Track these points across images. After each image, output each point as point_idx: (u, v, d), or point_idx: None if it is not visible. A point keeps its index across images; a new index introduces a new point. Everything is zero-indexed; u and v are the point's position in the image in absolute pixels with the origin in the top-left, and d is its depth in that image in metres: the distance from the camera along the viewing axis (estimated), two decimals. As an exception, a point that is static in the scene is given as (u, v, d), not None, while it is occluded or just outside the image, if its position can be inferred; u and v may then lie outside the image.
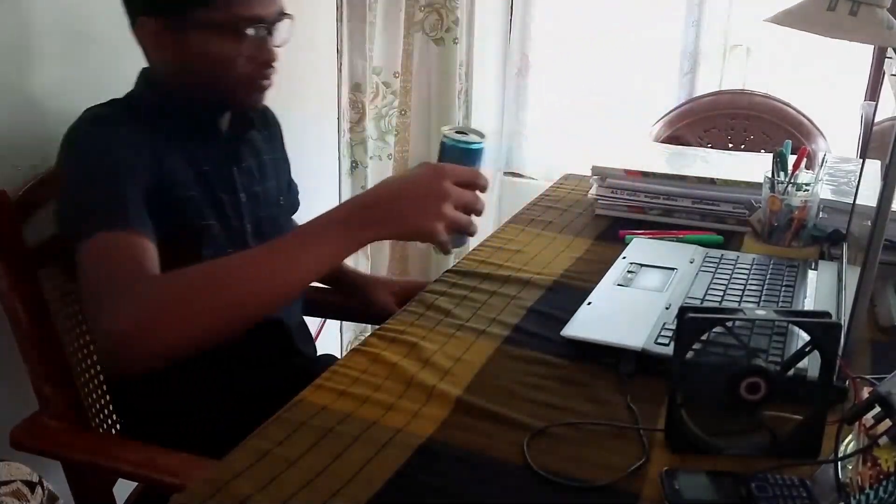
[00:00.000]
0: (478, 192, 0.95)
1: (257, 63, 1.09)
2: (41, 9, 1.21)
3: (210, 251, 1.10)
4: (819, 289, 1.16)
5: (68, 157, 1.05)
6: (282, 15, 1.10)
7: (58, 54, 1.24)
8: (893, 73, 1.14)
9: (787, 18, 1.12)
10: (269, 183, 1.24)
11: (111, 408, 1.26)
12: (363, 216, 0.91)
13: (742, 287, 1.17)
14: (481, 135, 0.96)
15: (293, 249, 0.90)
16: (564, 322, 1.06)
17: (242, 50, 1.06)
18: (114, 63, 1.13)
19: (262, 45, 1.08)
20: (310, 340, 1.34)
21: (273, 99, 1.79)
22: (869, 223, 0.94)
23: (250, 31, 1.06)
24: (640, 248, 1.34)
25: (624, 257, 1.29)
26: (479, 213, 0.95)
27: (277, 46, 1.10)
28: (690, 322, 0.78)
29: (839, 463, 0.72)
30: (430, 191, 0.91)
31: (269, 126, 1.30)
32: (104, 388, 1.24)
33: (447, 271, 1.28)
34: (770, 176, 1.33)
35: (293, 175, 1.37)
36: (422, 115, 2.40)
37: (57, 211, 1.05)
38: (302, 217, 1.34)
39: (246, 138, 1.20)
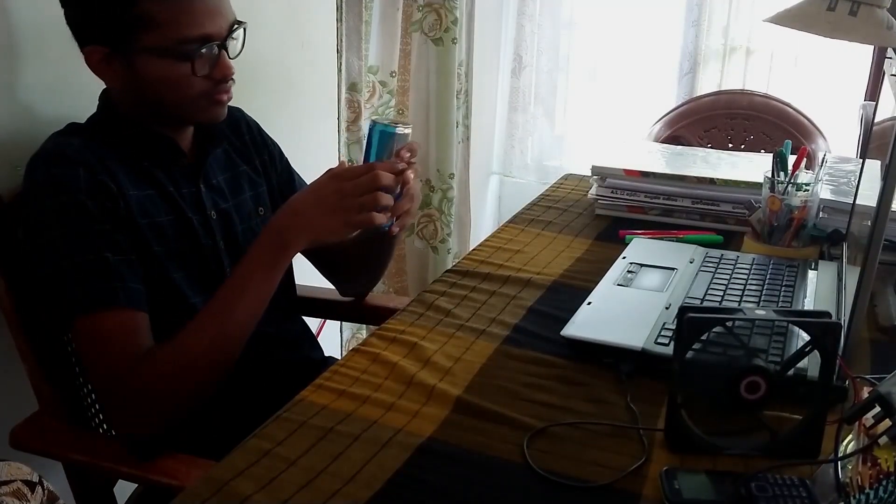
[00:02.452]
0: (379, 174, 1.02)
1: (212, 80, 1.06)
2: (40, 9, 1.21)
3: (181, 274, 1.10)
4: (819, 289, 1.16)
5: (36, 204, 1.03)
6: (233, 27, 1.07)
7: (56, 55, 1.24)
8: (893, 73, 1.14)
9: (787, 18, 1.12)
10: (243, 196, 1.22)
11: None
12: (287, 233, 1.04)
13: (742, 287, 1.17)
14: (406, 125, 1.07)
15: (246, 285, 1.04)
16: (564, 322, 1.06)
17: (194, 70, 1.03)
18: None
19: (214, 63, 1.05)
20: (315, 345, 1.34)
21: (274, 99, 1.80)
22: (869, 223, 0.94)
23: (201, 52, 1.03)
24: (640, 248, 1.34)
25: (624, 257, 1.29)
26: (386, 190, 1.03)
27: (233, 58, 1.08)
28: (690, 322, 0.78)
29: (839, 463, 0.72)
30: (325, 193, 1.04)
31: (245, 135, 1.27)
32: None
33: (447, 271, 1.28)
34: (770, 176, 1.33)
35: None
36: (420, 114, 2.40)
37: (35, 266, 1.03)
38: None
39: (214, 154, 1.19)
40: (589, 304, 1.11)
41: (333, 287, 1.43)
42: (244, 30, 1.11)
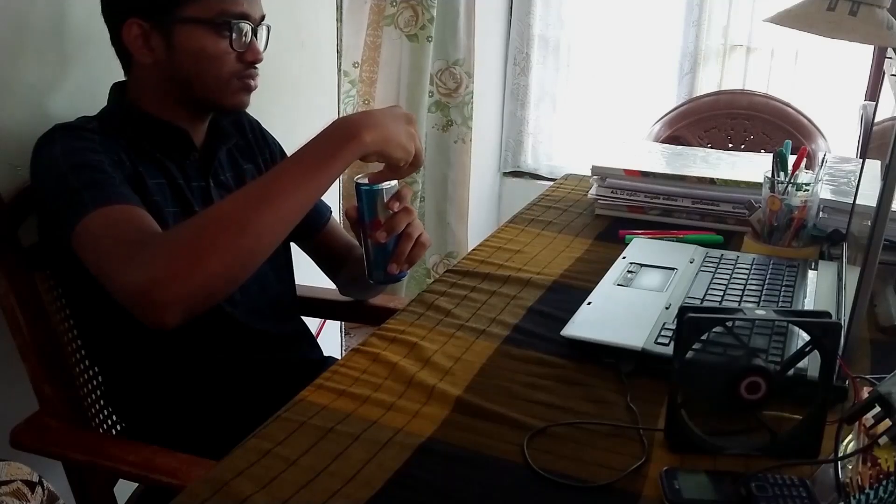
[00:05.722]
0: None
1: (244, 62, 1.10)
2: (40, 9, 1.21)
3: None
4: (819, 289, 1.16)
5: (42, 162, 1.04)
6: (264, 21, 1.13)
7: (57, 54, 1.24)
8: (893, 73, 1.14)
9: (787, 18, 1.12)
10: None
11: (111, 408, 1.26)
12: (358, 127, 0.96)
13: (742, 287, 1.17)
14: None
15: (300, 171, 0.95)
16: (564, 322, 1.06)
17: (230, 46, 1.08)
18: (113, 63, 1.13)
19: (248, 44, 1.10)
20: (314, 345, 1.34)
21: (274, 99, 1.79)
22: (869, 223, 0.94)
23: (237, 28, 1.07)
24: (640, 248, 1.34)
25: (624, 257, 1.28)
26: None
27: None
28: (690, 322, 0.78)
29: (839, 463, 0.72)
30: (397, 111, 1.03)
31: (248, 134, 1.28)
32: (104, 388, 1.24)
33: (447, 271, 1.28)
34: (770, 176, 1.32)
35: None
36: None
37: (43, 214, 1.04)
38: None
39: (223, 149, 1.20)
40: (589, 304, 1.11)
41: (334, 287, 1.44)
42: (268, 30, 1.15)
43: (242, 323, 1.17)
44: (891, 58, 1.18)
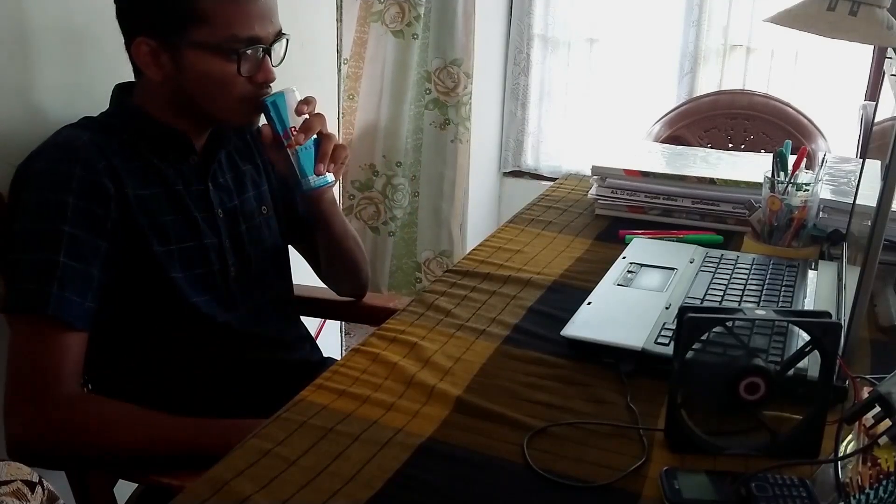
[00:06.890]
0: None
1: (255, 83, 1.09)
2: (41, 8, 1.21)
3: (182, 274, 1.10)
4: (819, 289, 1.16)
5: (24, 193, 1.03)
6: (279, 35, 1.10)
7: (57, 54, 1.24)
8: (893, 73, 1.14)
9: (787, 18, 1.12)
10: (247, 195, 1.22)
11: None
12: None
13: (742, 287, 1.17)
14: (291, 89, 1.13)
15: (190, 441, 1.02)
16: (564, 322, 1.06)
17: (240, 70, 1.06)
18: (113, 64, 1.13)
19: (259, 66, 1.08)
20: (314, 346, 1.34)
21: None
22: (869, 223, 0.95)
23: (248, 52, 1.05)
24: (640, 248, 1.34)
25: (624, 257, 1.28)
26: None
27: (275, 66, 1.11)
28: (690, 322, 0.78)
29: (839, 463, 0.72)
30: None
31: (246, 134, 1.27)
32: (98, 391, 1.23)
33: (447, 271, 1.28)
34: (770, 176, 1.33)
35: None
36: (371, 101, 2.41)
37: (4, 253, 1.02)
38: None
39: (222, 152, 1.19)
40: (589, 304, 1.11)
41: (333, 287, 1.44)
42: (287, 41, 1.13)
43: (242, 324, 1.17)
44: (891, 58, 1.18)
